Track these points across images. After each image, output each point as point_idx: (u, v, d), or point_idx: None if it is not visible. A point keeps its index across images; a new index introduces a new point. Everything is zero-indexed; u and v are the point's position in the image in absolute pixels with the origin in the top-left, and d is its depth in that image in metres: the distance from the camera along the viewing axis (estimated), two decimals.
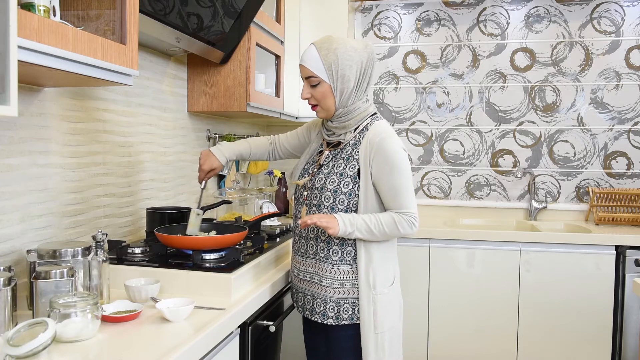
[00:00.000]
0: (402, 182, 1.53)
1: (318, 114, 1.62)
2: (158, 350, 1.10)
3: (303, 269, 1.65)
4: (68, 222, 1.64)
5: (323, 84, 1.55)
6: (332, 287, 1.57)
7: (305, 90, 1.58)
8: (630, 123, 3.20)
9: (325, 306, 1.58)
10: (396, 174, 1.51)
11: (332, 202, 1.56)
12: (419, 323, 2.91)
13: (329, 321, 1.57)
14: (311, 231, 1.61)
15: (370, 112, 1.62)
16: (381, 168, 1.51)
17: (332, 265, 1.57)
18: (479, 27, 3.35)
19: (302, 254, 1.65)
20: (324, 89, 1.55)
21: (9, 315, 1.16)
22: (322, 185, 1.57)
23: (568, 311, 2.77)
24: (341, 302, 1.57)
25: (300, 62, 1.57)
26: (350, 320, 1.56)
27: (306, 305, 1.64)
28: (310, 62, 1.54)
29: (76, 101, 1.66)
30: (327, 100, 1.56)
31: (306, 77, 1.56)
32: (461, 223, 3.30)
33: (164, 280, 1.50)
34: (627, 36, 3.18)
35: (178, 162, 2.33)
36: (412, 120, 3.46)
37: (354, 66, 1.53)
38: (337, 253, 1.57)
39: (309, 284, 1.63)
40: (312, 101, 1.59)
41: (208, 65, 2.33)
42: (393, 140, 1.53)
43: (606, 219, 3.08)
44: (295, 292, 1.70)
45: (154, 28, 1.69)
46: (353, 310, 1.56)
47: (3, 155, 1.38)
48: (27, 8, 1.06)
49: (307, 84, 1.57)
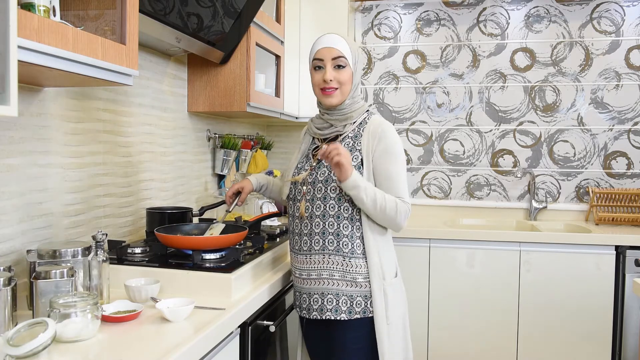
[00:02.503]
0: (400, 171, 1.60)
1: (332, 100, 1.62)
2: (158, 350, 1.10)
3: (307, 268, 1.61)
4: (68, 222, 1.64)
5: (348, 68, 1.61)
6: (345, 280, 1.57)
7: (331, 72, 1.59)
8: (630, 123, 3.20)
9: (338, 301, 1.56)
10: (395, 162, 1.58)
11: (338, 193, 1.58)
12: (419, 323, 2.91)
13: (341, 316, 1.56)
14: (315, 226, 1.59)
15: (366, 108, 1.69)
16: (383, 154, 1.58)
17: (344, 257, 1.57)
18: (479, 27, 3.36)
19: (305, 252, 1.62)
20: (349, 74, 1.62)
21: (9, 315, 1.16)
22: (327, 178, 1.59)
23: (568, 311, 2.77)
24: (354, 295, 1.56)
25: (325, 45, 1.60)
26: (362, 314, 1.56)
27: (313, 305, 1.60)
28: (339, 45, 1.60)
29: (76, 101, 1.66)
30: (346, 86, 1.62)
31: (334, 57, 1.59)
32: (461, 223, 3.30)
33: (164, 280, 1.50)
34: (627, 36, 3.18)
35: (178, 162, 2.33)
36: (412, 120, 3.46)
37: (362, 62, 1.61)
38: (348, 245, 1.57)
39: (315, 282, 1.59)
40: (335, 84, 1.60)
41: (208, 65, 2.33)
42: (394, 131, 1.62)
43: (606, 219, 3.08)
44: (298, 295, 1.66)
45: (154, 28, 1.69)
46: (365, 304, 1.57)
47: (3, 155, 1.38)
48: (27, 8, 1.06)
49: (331, 66, 1.60)
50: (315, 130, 1.70)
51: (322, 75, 1.60)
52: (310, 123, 1.73)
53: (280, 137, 3.54)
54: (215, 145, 2.63)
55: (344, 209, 1.57)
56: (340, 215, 1.57)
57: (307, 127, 1.77)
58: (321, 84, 1.61)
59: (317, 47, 1.62)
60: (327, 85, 1.60)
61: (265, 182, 1.87)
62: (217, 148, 2.63)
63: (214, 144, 2.64)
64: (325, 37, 1.62)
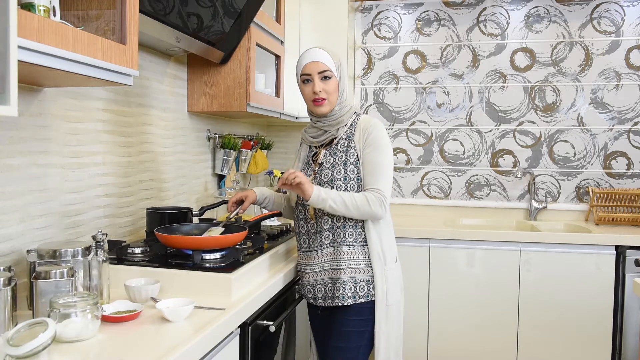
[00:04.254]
0: (382, 161, 1.70)
1: (323, 109, 1.75)
2: (158, 350, 1.10)
3: (320, 262, 1.74)
4: (68, 222, 1.63)
5: (334, 79, 1.74)
6: (349, 267, 1.70)
7: (319, 84, 1.72)
8: (630, 123, 3.20)
9: (344, 287, 1.70)
10: (378, 152, 1.70)
11: (343, 189, 1.71)
12: (419, 323, 2.91)
13: (347, 302, 1.69)
14: (324, 223, 1.73)
15: (354, 110, 1.82)
16: (369, 146, 1.71)
17: (349, 246, 1.71)
18: (479, 27, 3.36)
19: (316, 248, 1.75)
20: (335, 84, 1.75)
21: (9, 315, 1.16)
22: (332, 177, 1.73)
23: (568, 311, 2.77)
24: (357, 280, 1.70)
25: (311, 60, 1.73)
26: (366, 298, 1.70)
27: (327, 294, 1.74)
28: (323, 58, 1.73)
29: (76, 101, 1.66)
30: (334, 95, 1.75)
31: (320, 71, 1.72)
32: (461, 223, 3.30)
33: (164, 280, 1.50)
34: (627, 36, 3.18)
35: (178, 162, 2.33)
36: (412, 120, 3.46)
37: (345, 69, 1.80)
38: (352, 234, 1.72)
39: (328, 272, 1.74)
40: (323, 95, 1.73)
41: (208, 65, 2.33)
42: (382, 127, 1.75)
43: (606, 219, 3.08)
44: (312, 287, 1.77)
45: (154, 28, 1.69)
46: (368, 288, 1.71)
47: (3, 155, 1.38)
48: (27, 8, 1.06)
49: (318, 79, 1.72)
50: (310, 139, 1.83)
51: (312, 88, 1.73)
52: (305, 134, 1.86)
53: (280, 137, 3.54)
54: (215, 145, 2.63)
55: None
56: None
57: (302, 138, 1.90)
58: (312, 96, 1.74)
59: (304, 63, 1.74)
60: (317, 97, 1.73)
61: (268, 195, 1.95)
62: (217, 148, 2.63)
63: (214, 144, 2.64)
64: (310, 52, 1.74)
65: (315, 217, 1.74)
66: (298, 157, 1.89)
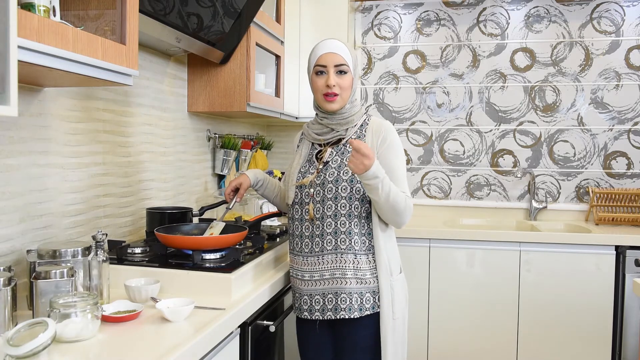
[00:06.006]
0: (402, 166, 1.63)
1: (333, 105, 1.62)
2: (158, 350, 1.10)
3: (319, 269, 1.61)
4: (68, 222, 1.63)
5: (349, 74, 1.63)
6: (356, 277, 1.59)
7: (334, 78, 1.60)
8: (630, 123, 3.20)
9: (351, 299, 1.58)
10: (397, 157, 1.62)
11: (349, 192, 1.59)
12: (419, 323, 2.91)
13: (354, 314, 1.58)
14: (327, 226, 1.60)
15: (364, 110, 1.73)
16: (387, 150, 1.61)
17: (355, 255, 1.59)
18: (479, 27, 3.36)
19: (316, 253, 1.61)
20: (350, 80, 1.63)
21: (9, 315, 1.16)
22: (337, 178, 1.60)
23: (568, 311, 2.77)
24: (363, 292, 1.59)
25: (328, 50, 1.61)
26: (372, 310, 1.59)
27: (327, 305, 1.60)
28: (342, 51, 1.61)
29: (76, 101, 1.66)
30: (347, 92, 1.63)
31: (337, 64, 1.60)
32: (461, 223, 3.30)
33: (164, 280, 1.50)
34: (627, 36, 3.18)
35: (178, 162, 2.33)
36: (412, 120, 3.46)
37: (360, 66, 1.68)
38: (358, 243, 1.60)
39: (328, 282, 1.60)
40: (337, 90, 1.61)
41: (208, 65, 2.33)
42: (395, 130, 1.67)
43: (606, 219, 3.08)
44: (309, 297, 1.63)
45: (154, 28, 1.69)
46: (374, 299, 1.59)
47: (3, 155, 1.38)
48: (27, 8, 1.06)
49: (333, 72, 1.60)
50: (314, 136, 1.69)
51: (325, 81, 1.61)
52: (307, 129, 1.72)
53: (280, 137, 3.54)
54: (215, 145, 2.63)
55: (354, 208, 1.60)
56: (351, 213, 1.59)
57: (301, 135, 1.78)
58: (324, 89, 1.61)
59: (320, 53, 1.61)
60: (330, 91, 1.60)
61: (262, 178, 1.87)
62: (217, 148, 2.63)
63: (214, 144, 2.64)
64: (328, 42, 1.62)
65: (315, 218, 1.61)
66: (299, 154, 1.73)
